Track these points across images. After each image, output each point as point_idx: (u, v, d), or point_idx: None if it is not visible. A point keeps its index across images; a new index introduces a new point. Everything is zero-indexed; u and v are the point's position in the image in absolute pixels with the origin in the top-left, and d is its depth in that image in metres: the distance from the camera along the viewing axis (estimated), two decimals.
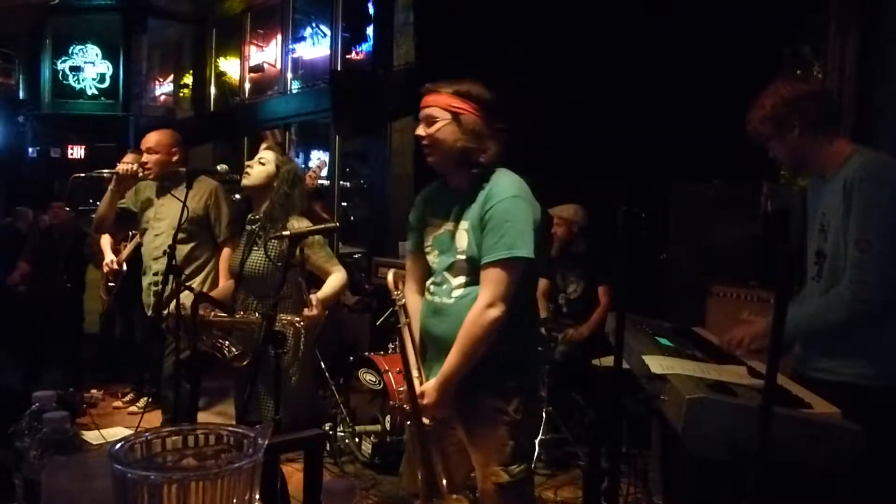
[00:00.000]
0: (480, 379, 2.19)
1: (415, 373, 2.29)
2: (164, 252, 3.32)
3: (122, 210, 3.83)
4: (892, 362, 2.07)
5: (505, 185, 2.17)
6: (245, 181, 3.05)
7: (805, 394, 1.83)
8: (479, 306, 2.11)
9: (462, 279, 2.22)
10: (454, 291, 2.24)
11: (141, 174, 3.69)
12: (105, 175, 3.73)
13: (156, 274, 3.81)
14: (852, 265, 2.04)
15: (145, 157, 3.74)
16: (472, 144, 2.18)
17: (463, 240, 2.21)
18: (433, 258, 2.33)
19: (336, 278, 3.06)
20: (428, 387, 2.21)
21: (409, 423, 2.29)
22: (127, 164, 3.68)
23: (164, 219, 3.79)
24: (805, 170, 2.33)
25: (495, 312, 2.10)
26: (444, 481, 2.23)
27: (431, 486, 2.22)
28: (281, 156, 3.11)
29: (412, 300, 2.41)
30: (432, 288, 2.32)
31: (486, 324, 2.10)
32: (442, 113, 2.20)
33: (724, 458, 1.55)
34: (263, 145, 3.18)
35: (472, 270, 2.19)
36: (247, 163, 3.11)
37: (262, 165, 3.04)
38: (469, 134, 2.18)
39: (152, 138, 3.81)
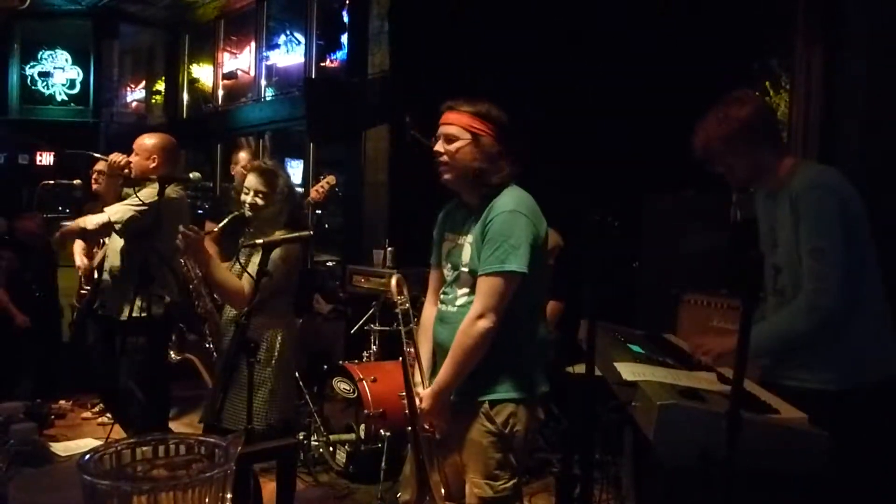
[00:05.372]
0: (474, 387, 2.23)
1: (417, 378, 2.34)
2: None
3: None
4: (854, 366, 2.11)
5: (506, 200, 2.22)
6: (249, 214, 3.00)
7: (773, 400, 1.86)
8: (470, 317, 2.17)
9: (466, 290, 2.28)
10: (458, 300, 2.30)
11: (126, 171, 3.64)
12: (74, 184, 3.69)
13: (109, 272, 3.78)
14: (808, 274, 2.09)
15: (131, 157, 3.70)
16: (487, 165, 2.23)
17: (467, 253, 2.28)
18: (447, 271, 2.40)
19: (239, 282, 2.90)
20: (425, 392, 2.26)
21: (408, 427, 2.32)
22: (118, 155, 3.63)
23: None
24: (756, 185, 2.38)
25: (485, 323, 2.15)
26: (443, 490, 2.26)
27: (424, 489, 2.24)
28: (267, 178, 3.01)
29: (428, 311, 2.48)
30: (442, 297, 2.38)
31: (475, 334, 2.15)
32: (462, 132, 2.24)
33: (694, 464, 1.56)
34: (242, 167, 3.10)
35: (475, 282, 2.23)
36: (242, 197, 3.01)
37: (259, 199, 2.97)
38: (485, 155, 2.23)
39: (139, 139, 3.78)
